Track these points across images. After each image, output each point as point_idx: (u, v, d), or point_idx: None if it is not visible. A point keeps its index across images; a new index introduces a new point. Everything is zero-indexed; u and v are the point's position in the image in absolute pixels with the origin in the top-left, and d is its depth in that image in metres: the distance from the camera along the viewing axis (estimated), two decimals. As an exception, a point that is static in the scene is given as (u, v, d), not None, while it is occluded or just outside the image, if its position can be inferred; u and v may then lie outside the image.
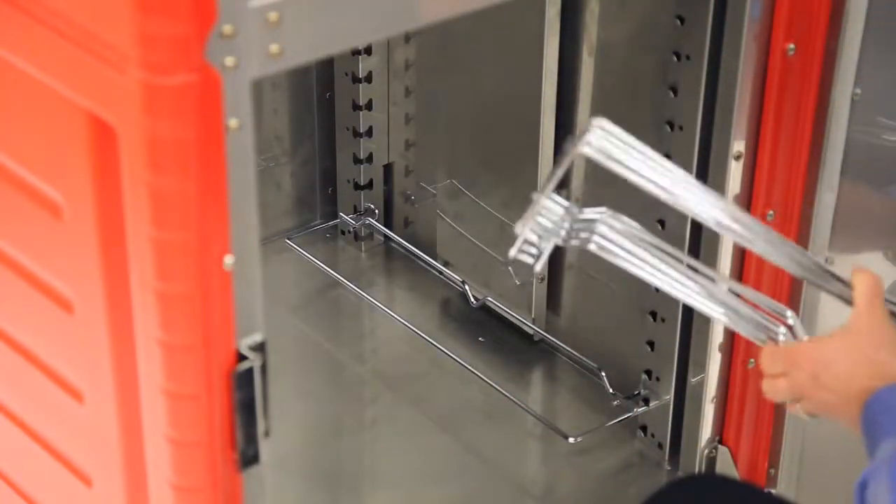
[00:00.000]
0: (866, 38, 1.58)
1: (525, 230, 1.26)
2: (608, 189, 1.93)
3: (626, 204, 1.94)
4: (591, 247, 1.26)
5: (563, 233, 1.26)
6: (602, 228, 1.26)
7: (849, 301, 1.26)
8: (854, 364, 1.22)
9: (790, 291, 1.71)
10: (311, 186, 2.36)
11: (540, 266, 1.27)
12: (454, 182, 2.14)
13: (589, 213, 1.27)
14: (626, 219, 1.27)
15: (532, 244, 1.26)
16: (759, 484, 1.81)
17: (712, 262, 1.69)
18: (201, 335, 1.14)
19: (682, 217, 1.76)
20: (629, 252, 1.26)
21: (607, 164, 1.26)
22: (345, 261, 2.35)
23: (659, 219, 1.80)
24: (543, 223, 1.26)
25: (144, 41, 1.04)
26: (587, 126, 1.25)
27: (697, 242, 1.75)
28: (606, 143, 1.26)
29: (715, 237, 1.69)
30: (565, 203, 1.27)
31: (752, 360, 1.75)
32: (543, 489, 1.96)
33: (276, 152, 2.33)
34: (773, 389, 1.29)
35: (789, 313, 1.29)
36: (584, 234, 1.26)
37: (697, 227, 1.74)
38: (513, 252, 1.27)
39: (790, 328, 1.28)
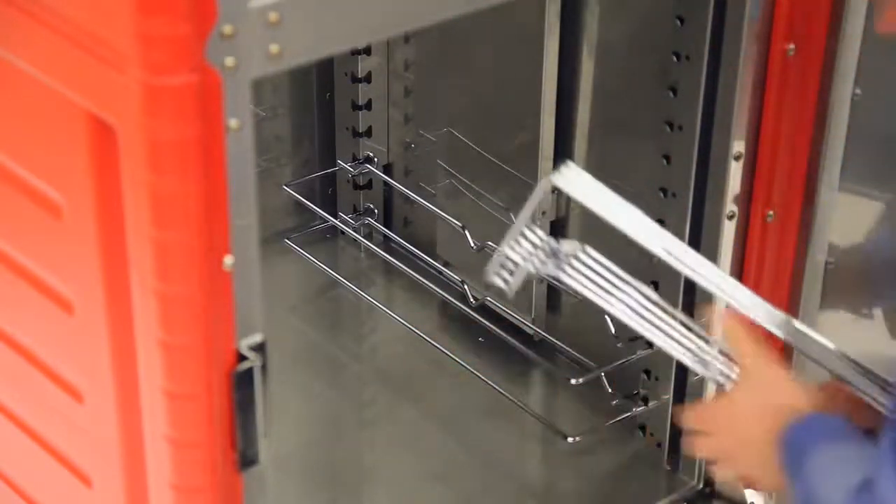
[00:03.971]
0: (866, 38, 1.58)
1: (503, 253, 1.33)
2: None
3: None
4: (564, 277, 1.32)
5: (536, 263, 1.33)
6: (575, 262, 1.33)
7: None
8: (760, 418, 1.24)
9: (789, 296, 1.71)
10: (311, 186, 2.36)
11: (513, 292, 1.34)
12: (454, 182, 2.14)
13: (565, 245, 1.34)
14: (598, 255, 1.34)
15: (507, 269, 1.33)
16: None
17: (713, 253, 1.69)
18: (201, 335, 1.14)
19: (681, 216, 1.76)
20: (600, 287, 1.33)
21: (579, 199, 1.34)
22: (344, 261, 2.35)
23: (658, 218, 1.80)
24: (518, 253, 1.34)
25: (144, 41, 1.04)
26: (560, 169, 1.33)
27: (699, 232, 1.74)
28: (578, 180, 1.33)
29: (717, 227, 1.69)
30: (542, 236, 1.34)
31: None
32: (543, 489, 1.96)
33: (276, 152, 2.33)
34: (699, 448, 1.32)
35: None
36: (551, 270, 1.33)
37: (697, 224, 1.74)
38: (489, 274, 1.34)
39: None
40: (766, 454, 1.23)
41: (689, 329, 1.34)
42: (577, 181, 1.33)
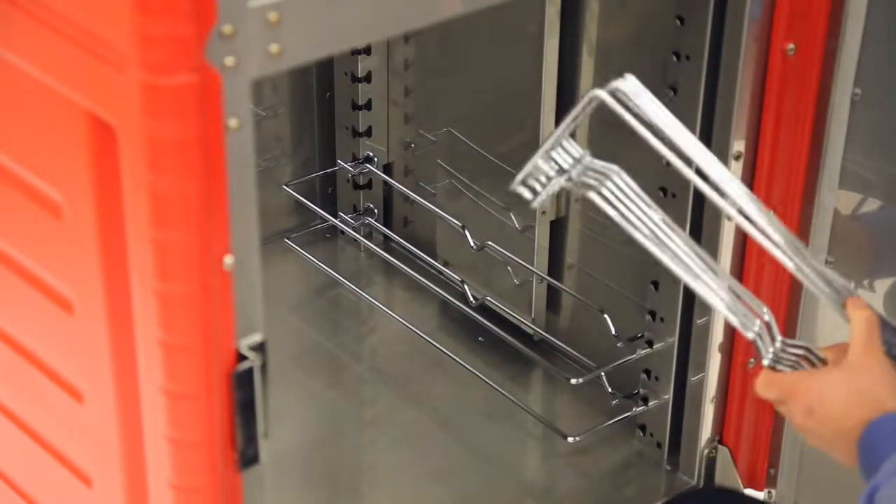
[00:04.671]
0: (866, 38, 1.58)
1: (536, 160, 1.28)
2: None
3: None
4: (594, 196, 1.27)
5: (571, 176, 1.29)
6: (609, 184, 1.28)
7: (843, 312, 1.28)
8: (851, 400, 1.23)
9: (790, 291, 1.71)
10: (311, 186, 2.36)
11: (538, 202, 1.28)
12: (454, 182, 2.14)
13: (601, 164, 1.30)
14: (633, 183, 1.29)
15: (537, 180, 1.28)
16: (759, 485, 1.81)
17: (713, 253, 1.69)
18: (201, 335, 1.14)
19: (681, 216, 1.76)
20: (630, 211, 1.29)
21: (624, 116, 1.29)
22: (344, 261, 2.35)
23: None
24: (554, 163, 1.29)
25: (144, 41, 1.04)
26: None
27: (699, 233, 1.74)
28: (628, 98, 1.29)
29: (717, 227, 1.69)
30: (579, 149, 1.29)
31: (752, 360, 1.75)
32: (543, 489, 1.96)
33: (276, 152, 2.33)
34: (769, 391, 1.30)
35: (766, 309, 1.29)
36: (591, 182, 1.28)
37: (697, 224, 1.74)
38: (517, 182, 1.29)
39: (766, 325, 1.29)
40: (846, 443, 1.22)
41: (715, 273, 1.30)
42: (627, 93, 1.29)
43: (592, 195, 1.28)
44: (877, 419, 1.20)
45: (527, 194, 1.29)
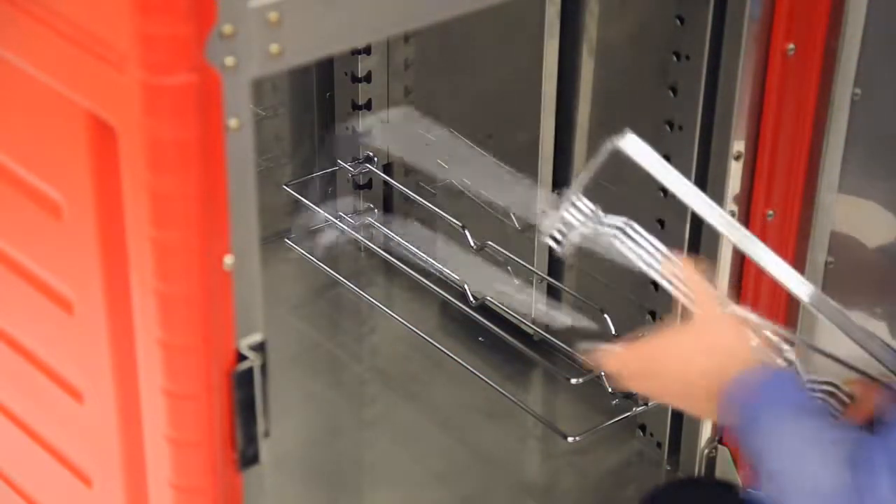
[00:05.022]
0: (866, 38, 1.58)
1: (560, 213, 1.39)
2: (605, 191, 1.94)
3: (624, 204, 1.94)
4: (614, 241, 1.37)
5: (587, 230, 1.39)
6: (620, 234, 1.38)
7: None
8: (693, 350, 1.27)
9: (790, 296, 1.71)
10: (311, 186, 2.36)
11: (564, 253, 1.41)
12: (454, 182, 2.14)
13: (613, 218, 1.39)
14: (641, 229, 1.37)
15: (561, 232, 1.40)
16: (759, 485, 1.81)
17: (713, 260, 1.69)
18: (201, 335, 1.14)
19: (681, 218, 1.76)
20: (644, 251, 1.36)
21: (642, 162, 1.38)
22: (344, 261, 2.35)
23: (658, 218, 1.81)
24: (570, 220, 1.39)
25: (144, 41, 1.04)
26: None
27: (697, 244, 1.75)
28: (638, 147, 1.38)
29: (714, 240, 1.69)
30: (590, 205, 1.40)
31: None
32: (543, 489, 1.96)
33: (276, 152, 2.33)
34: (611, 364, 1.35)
35: (786, 347, 1.32)
36: (606, 232, 1.38)
37: (696, 229, 1.74)
38: (543, 235, 1.39)
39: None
40: (699, 392, 1.25)
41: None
42: (638, 146, 1.37)
43: (615, 242, 1.38)
44: (743, 374, 1.23)
45: (554, 245, 1.39)
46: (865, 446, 1.15)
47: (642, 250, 1.35)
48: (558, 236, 1.39)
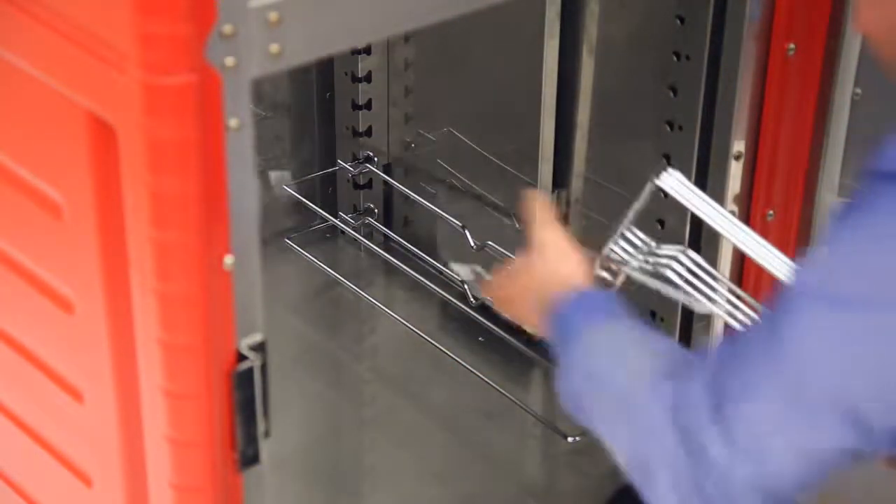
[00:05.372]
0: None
1: (609, 251, 1.44)
2: (607, 191, 1.94)
3: (624, 205, 1.94)
4: (670, 273, 1.40)
5: (638, 263, 1.42)
6: (675, 264, 1.41)
7: None
8: (536, 277, 1.38)
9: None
10: (311, 186, 2.36)
11: (616, 288, 1.42)
12: (454, 182, 2.14)
13: (666, 248, 1.42)
14: (697, 257, 1.41)
15: (612, 267, 1.43)
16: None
17: (713, 264, 1.69)
18: (201, 335, 1.14)
19: (681, 217, 1.76)
20: (700, 287, 1.41)
21: (683, 199, 1.42)
22: (344, 261, 2.35)
23: (658, 218, 1.81)
24: (622, 255, 1.43)
25: (144, 41, 1.04)
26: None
27: (697, 243, 1.74)
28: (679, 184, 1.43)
29: (715, 239, 1.69)
30: (643, 236, 1.43)
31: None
32: (543, 489, 1.96)
33: (276, 152, 2.33)
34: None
35: None
36: (660, 264, 1.41)
37: (696, 227, 1.74)
38: (596, 271, 1.43)
39: None
40: (537, 313, 1.37)
41: None
42: (677, 184, 1.42)
43: (669, 273, 1.40)
44: (565, 295, 1.33)
45: (608, 276, 1.42)
46: (686, 361, 1.18)
47: (698, 280, 1.39)
48: (607, 276, 1.42)
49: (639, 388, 1.19)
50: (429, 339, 2.12)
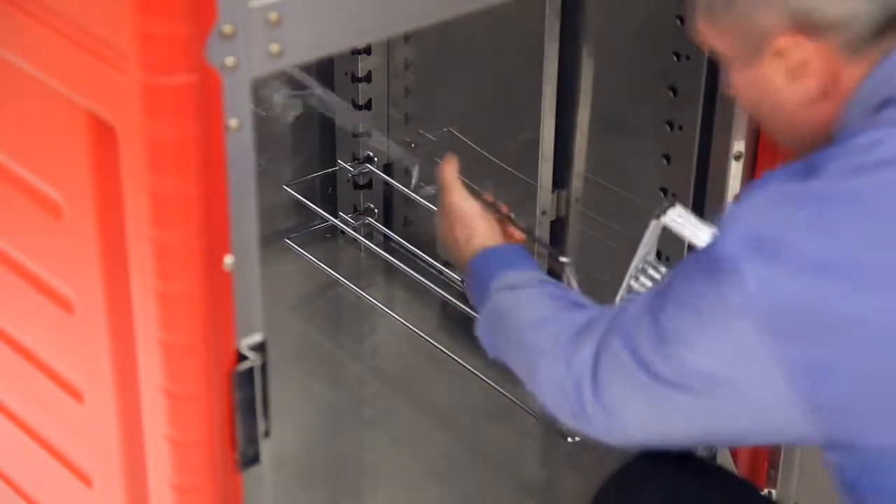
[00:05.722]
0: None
1: (627, 282, 1.51)
2: (607, 191, 1.94)
3: (624, 204, 1.94)
4: None
5: None
6: None
7: None
8: (454, 237, 1.52)
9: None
10: (311, 186, 2.36)
11: None
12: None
13: None
14: None
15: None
16: (759, 485, 1.81)
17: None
18: (201, 335, 1.14)
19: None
20: None
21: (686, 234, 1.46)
22: (344, 261, 2.35)
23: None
24: (640, 284, 1.49)
25: (144, 41, 1.04)
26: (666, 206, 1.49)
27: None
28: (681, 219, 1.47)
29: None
30: (661, 268, 1.49)
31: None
32: (543, 488, 1.96)
33: (276, 152, 2.33)
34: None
35: None
36: None
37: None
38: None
39: None
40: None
41: None
42: (682, 220, 1.46)
43: None
44: (481, 253, 1.48)
45: None
46: (598, 314, 1.28)
47: None
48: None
49: (538, 330, 1.33)
50: (429, 340, 2.12)
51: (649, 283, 1.49)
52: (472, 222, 1.52)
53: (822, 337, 1.07)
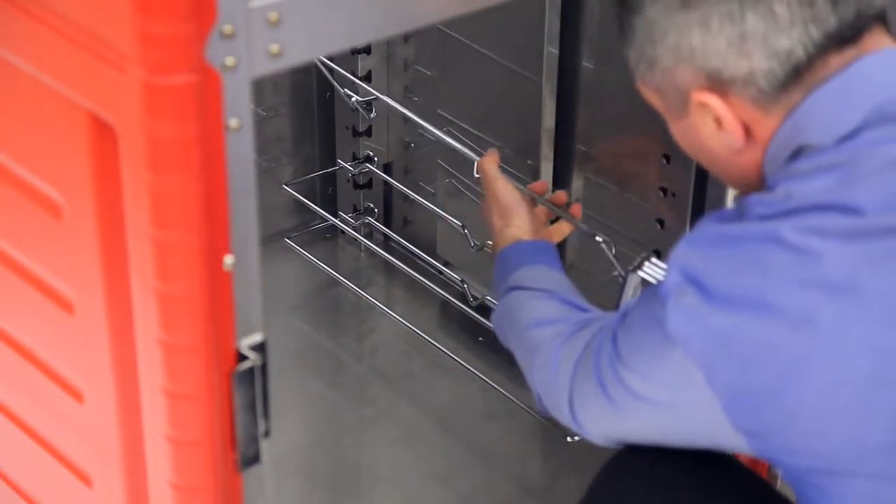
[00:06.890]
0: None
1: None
2: (606, 191, 1.94)
3: (624, 205, 1.94)
4: None
5: None
6: None
7: None
8: (492, 224, 1.63)
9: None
10: (311, 186, 2.36)
11: None
12: (454, 182, 2.14)
13: None
14: None
15: None
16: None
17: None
18: (201, 335, 1.14)
19: (681, 218, 1.76)
20: None
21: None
22: (344, 260, 2.35)
23: (658, 218, 1.81)
24: None
25: (144, 41, 1.04)
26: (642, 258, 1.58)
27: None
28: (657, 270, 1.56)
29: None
30: None
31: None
32: (543, 488, 1.96)
33: (276, 152, 2.33)
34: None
35: None
36: None
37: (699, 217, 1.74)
38: None
39: None
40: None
41: None
42: (655, 271, 1.56)
43: None
44: (510, 245, 1.59)
45: None
46: (594, 321, 1.35)
47: None
48: None
49: (539, 329, 1.42)
50: (429, 339, 2.12)
51: None
52: (509, 211, 1.61)
53: (744, 367, 1.14)
